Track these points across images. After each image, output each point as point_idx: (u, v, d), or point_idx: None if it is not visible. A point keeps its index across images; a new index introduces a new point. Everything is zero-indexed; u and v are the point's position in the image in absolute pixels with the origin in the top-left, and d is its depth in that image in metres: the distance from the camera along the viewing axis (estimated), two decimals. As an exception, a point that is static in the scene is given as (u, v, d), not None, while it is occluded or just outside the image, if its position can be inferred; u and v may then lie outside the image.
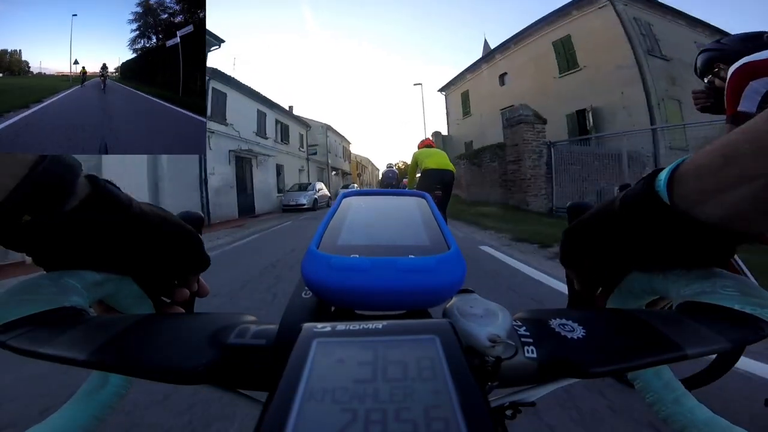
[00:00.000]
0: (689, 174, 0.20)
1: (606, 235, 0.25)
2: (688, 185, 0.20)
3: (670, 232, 0.21)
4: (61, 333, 0.19)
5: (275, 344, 0.21)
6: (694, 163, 0.20)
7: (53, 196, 0.20)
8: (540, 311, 0.23)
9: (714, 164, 0.19)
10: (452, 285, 0.23)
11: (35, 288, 0.21)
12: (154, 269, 0.27)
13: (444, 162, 3.62)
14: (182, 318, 0.24)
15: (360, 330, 0.17)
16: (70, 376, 1.32)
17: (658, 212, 0.20)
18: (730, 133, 0.18)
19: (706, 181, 0.19)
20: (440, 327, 0.17)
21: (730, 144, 0.18)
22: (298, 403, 0.12)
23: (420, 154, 3.78)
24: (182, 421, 1.19)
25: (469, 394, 0.13)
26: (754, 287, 0.20)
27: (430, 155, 3.70)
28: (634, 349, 0.19)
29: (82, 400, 0.23)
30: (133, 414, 1.21)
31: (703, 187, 0.19)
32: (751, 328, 0.18)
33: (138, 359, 0.18)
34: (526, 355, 0.20)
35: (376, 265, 0.22)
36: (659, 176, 0.21)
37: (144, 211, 0.25)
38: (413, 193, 0.39)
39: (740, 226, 0.19)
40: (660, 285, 0.24)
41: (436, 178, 3.52)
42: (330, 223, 0.29)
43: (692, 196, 0.20)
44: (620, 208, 0.23)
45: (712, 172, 0.19)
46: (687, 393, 0.24)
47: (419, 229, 0.29)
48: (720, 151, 0.18)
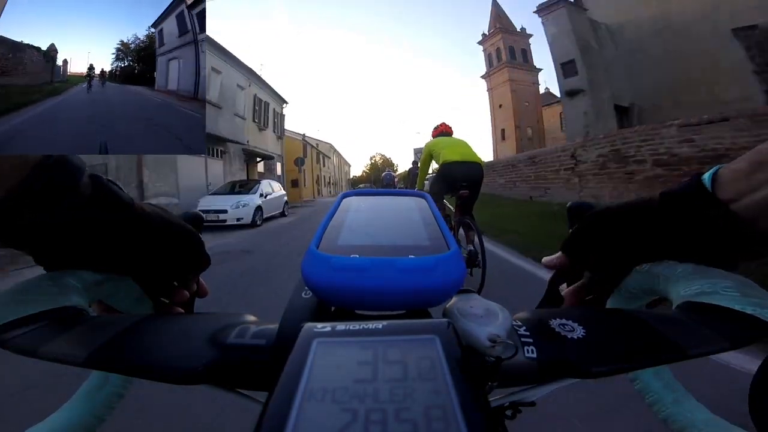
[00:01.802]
0: (729, 176, 0.22)
1: (635, 226, 0.25)
2: (727, 186, 0.21)
3: (710, 225, 0.22)
4: (61, 333, 0.19)
5: (275, 344, 0.21)
6: (732, 167, 0.22)
7: (57, 195, 0.20)
8: (540, 311, 0.23)
9: (747, 170, 0.21)
10: (452, 285, 0.23)
11: (35, 288, 0.21)
12: (154, 269, 0.27)
13: (469, 153, 2.70)
14: (182, 318, 0.24)
15: (360, 330, 0.17)
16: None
17: (702, 203, 0.22)
18: (763, 144, 0.20)
19: (744, 183, 0.21)
20: (440, 327, 0.17)
21: (760, 152, 0.20)
22: (298, 403, 0.12)
23: (435, 144, 2.82)
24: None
25: (469, 394, 0.13)
26: (754, 287, 0.20)
27: (449, 144, 2.76)
28: (634, 350, 0.19)
29: (82, 400, 0.23)
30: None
31: (742, 189, 0.21)
32: (751, 328, 0.18)
33: (138, 359, 0.18)
34: (526, 355, 0.20)
35: (376, 265, 0.22)
36: (704, 175, 0.22)
37: (146, 210, 0.25)
38: (413, 193, 0.39)
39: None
40: (660, 285, 0.24)
41: (459, 173, 2.61)
42: (330, 223, 0.30)
43: (732, 195, 0.21)
44: (662, 199, 0.24)
45: (747, 176, 0.21)
46: (687, 393, 0.24)
47: (419, 229, 0.29)
48: (752, 158, 0.21)
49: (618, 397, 1.19)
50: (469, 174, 2.63)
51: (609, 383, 0.95)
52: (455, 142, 2.83)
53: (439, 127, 3.09)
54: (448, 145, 2.76)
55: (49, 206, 0.20)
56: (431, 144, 2.88)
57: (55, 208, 0.20)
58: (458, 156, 2.64)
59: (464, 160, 2.63)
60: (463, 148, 2.73)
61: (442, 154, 2.68)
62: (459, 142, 2.83)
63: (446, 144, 2.78)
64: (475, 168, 2.65)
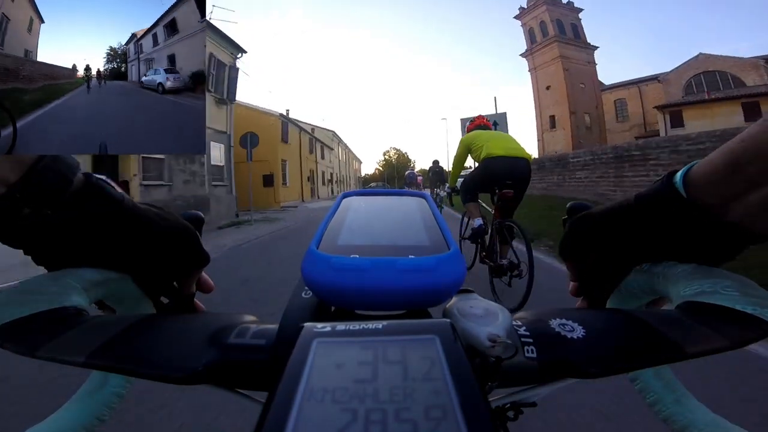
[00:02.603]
0: (700, 178, 0.21)
1: (615, 229, 0.25)
2: (701, 188, 0.21)
3: (685, 227, 0.22)
4: (61, 333, 0.19)
5: (275, 344, 0.21)
6: (702, 169, 0.21)
7: (51, 192, 0.21)
8: (540, 311, 0.23)
9: (722, 172, 0.20)
10: (452, 285, 0.23)
11: (35, 288, 0.21)
12: (151, 265, 0.27)
13: (516, 147, 2.38)
14: (182, 318, 0.24)
15: (360, 330, 0.16)
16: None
17: (676, 206, 0.22)
18: (731, 142, 0.19)
19: (717, 186, 0.20)
20: (440, 327, 0.17)
21: (732, 152, 0.19)
22: (298, 403, 0.12)
23: (476, 138, 2.50)
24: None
25: (469, 394, 0.13)
26: (754, 287, 0.20)
27: (492, 138, 2.44)
28: (634, 349, 0.19)
29: (82, 400, 0.23)
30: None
31: (715, 191, 0.20)
32: (751, 328, 0.18)
33: (138, 359, 0.18)
34: (526, 355, 0.20)
35: (376, 265, 0.22)
36: (675, 177, 0.22)
37: (136, 206, 0.25)
38: (413, 193, 0.39)
39: (752, 227, 0.20)
40: (660, 285, 0.24)
41: (504, 169, 2.29)
42: (330, 223, 0.29)
43: (705, 197, 0.21)
44: (636, 201, 0.24)
45: (720, 179, 0.20)
46: (687, 393, 0.24)
47: (419, 229, 0.29)
48: (724, 159, 0.19)
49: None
50: (514, 171, 2.30)
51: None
52: (499, 135, 2.52)
53: (476, 120, 2.80)
54: (491, 138, 2.44)
55: (43, 206, 0.20)
56: (469, 137, 2.57)
57: (49, 207, 0.21)
58: (502, 150, 2.33)
59: (510, 155, 2.32)
60: (508, 142, 2.42)
61: (485, 148, 2.37)
62: (504, 136, 2.51)
63: (489, 137, 2.46)
64: (522, 164, 2.33)
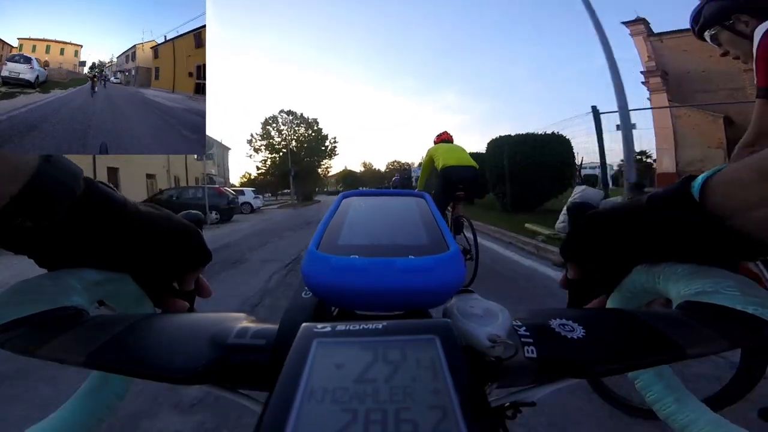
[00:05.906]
0: (723, 185, 0.20)
1: (624, 229, 0.25)
2: (721, 196, 0.20)
3: (695, 231, 0.21)
4: (61, 333, 0.19)
5: (275, 344, 0.21)
6: (728, 175, 0.20)
7: (54, 204, 0.20)
8: (540, 311, 0.23)
9: (749, 179, 0.19)
10: (452, 285, 0.23)
11: (36, 288, 0.21)
12: (152, 264, 0.27)
13: (464, 157, 3.12)
14: (182, 318, 0.24)
15: (360, 330, 0.16)
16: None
17: (687, 210, 0.21)
18: (760, 153, 0.18)
19: (739, 195, 0.19)
20: (440, 327, 0.17)
21: (763, 163, 0.18)
22: (298, 403, 0.12)
23: (436, 150, 3.24)
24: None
25: (469, 394, 0.13)
26: (755, 287, 0.20)
27: (449, 150, 3.18)
28: (634, 349, 0.19)
29: (82, 400, 0.23)
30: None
31: (736, 200, 0.20)
32: (752, 328, 0.18)
33: (138, 359, 0.18)
34: (526, 355, 0.20)
35: (376, 265, 0.22)
36: (694, 182, 0.21)
37: (139, 209, 0.25)
38: (413, 193, 0.39)
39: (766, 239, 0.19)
40: (660, 285, 0.24)
41: (456, 176, 3.02)
42: (329, 224, 0.29)
43: (724, 206, 0.20)
44: (648, 202, 0.24)
45: (745, 186, 0.19)
46: (688, 393, 0.24)
47: (419, 229, 0.29)
48: (755, 167, 0.19)
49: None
50: (464, 177, 3.04)
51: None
52: (453, 147, 3.24)
53: (442, 134, 3.52)
54: (447, 151, 3.16)
55: (47, 213, 0.20)
56: (432, 150, 3.28)
57: (53, 214, 0.20)
58: (455, 161, 3.04)
59: (460, 164, 3.04)
60: (459, 153, 3.14)
61: (442, 159, 3.06)
62: (456, 148, 3.24)
63: (446, 150, 3.18)
64: (470, 171, 3.05)
